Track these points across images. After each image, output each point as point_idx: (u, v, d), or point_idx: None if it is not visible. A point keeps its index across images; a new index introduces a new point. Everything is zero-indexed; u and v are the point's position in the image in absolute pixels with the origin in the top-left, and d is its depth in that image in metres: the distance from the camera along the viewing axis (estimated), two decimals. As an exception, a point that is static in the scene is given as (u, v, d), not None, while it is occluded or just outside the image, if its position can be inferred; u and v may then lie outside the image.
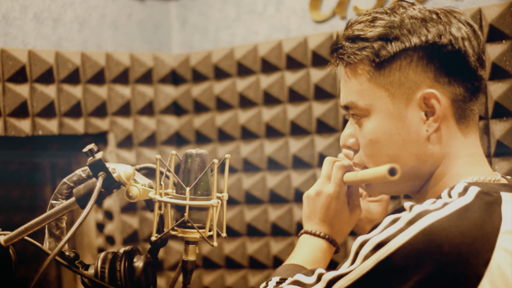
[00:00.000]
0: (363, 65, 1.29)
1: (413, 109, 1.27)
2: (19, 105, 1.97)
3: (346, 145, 1.36)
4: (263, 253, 2.17)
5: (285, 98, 2.13)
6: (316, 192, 1.44)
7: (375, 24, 1.28)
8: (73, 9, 2.12)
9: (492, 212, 1.18)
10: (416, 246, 1.13)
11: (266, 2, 2.18)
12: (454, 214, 1.15)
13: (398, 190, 1.36)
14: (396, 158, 1.28)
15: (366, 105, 1.30)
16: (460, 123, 1.28)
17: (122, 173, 1.30)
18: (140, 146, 2.23)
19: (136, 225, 2.20)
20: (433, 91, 1.25)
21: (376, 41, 1.27)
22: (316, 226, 1.44)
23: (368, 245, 1.17)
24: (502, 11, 1.76)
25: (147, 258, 1.37)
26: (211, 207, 1.29)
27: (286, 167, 2.14)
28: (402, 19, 1.27)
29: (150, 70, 2.26)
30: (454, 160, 1.28)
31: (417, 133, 1.27)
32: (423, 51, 1.26)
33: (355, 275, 1.17)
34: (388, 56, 1.27)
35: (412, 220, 1.15)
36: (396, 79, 1.27)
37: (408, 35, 1.26)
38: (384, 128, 1.28)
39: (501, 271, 1.14)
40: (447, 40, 1.25)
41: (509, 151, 1.77)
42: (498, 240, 1.15)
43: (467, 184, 1.22)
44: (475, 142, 1.30)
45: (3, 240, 1.33)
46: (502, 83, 1.76)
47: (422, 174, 1.30)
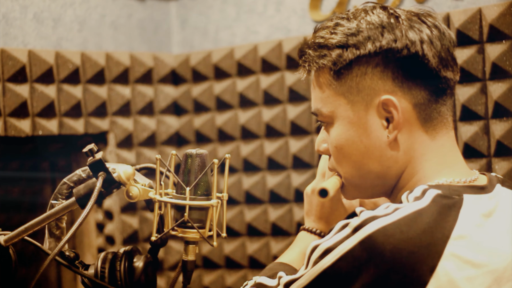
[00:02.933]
0: (324, 73, 1.30)
1: (373, 116, 1.27)
2: (19, 105, 1.97)
3: (319, 150, 1.37)
4: (263, 253, 2.17)
5: (285, 98, 2.13)
6: (312, 190, 1.46)
7: (335, 31, 1.28)
8: (73, 9, 2.12)
9: (447, 216, 1.17)
10: (358, 254, 1.14)
11: (266, 2, 2.18)
12: (401, 220, 1.15)
13: (370, 195, 1.36)
14: (360, 165, 1.29)
15: (329, 112, 1.30)
16: (426, 127, 1.27)
17: (122, 173, 1.30)
18: (140, 146, 2.23)
19: (136, 225, 2.20)
20: (390, 98, 1.25)
21: (334, 49, 1.27)
22: (313, 223, 1.46)
23: (317, 251, 1.18)
24: (502, 11, 1.76)
25: (147, 258, 1.37)
26: (211, 207, 1.29)
27: (286, 167, 2.14)
28: (359, 25, 1.26)
29: (150, 70, 2.26)
30: (420, 164, 1.27)
31: (379, 139, 1.27)
32: (378, 57, 1.25)
33: (304, 280, 1.19)
34: (345, 64, 1.26)
35: (358, 227, 1.16)
36: (354, 86, 1.27)
37: (364, 41, 1.25)
38: (346, 135, 1.28)
39: (449, 278, 1.14)
40: (403, 44, 1.24)
41: (509, 151, 1.77)
42: (447, 246, 1.15)
43: (427, 187, 1.21)
44: (445, 144, 1.28)
45: (3, 240, 1.33)
46: (502, 83, 1.76)
47: (389, 179, 1.29)
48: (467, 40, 1.80)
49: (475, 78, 1.80)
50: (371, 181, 1.30)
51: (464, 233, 1.17)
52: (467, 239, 1.17)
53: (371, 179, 1.29)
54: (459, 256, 1.16)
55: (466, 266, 1.16)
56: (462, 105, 1.81)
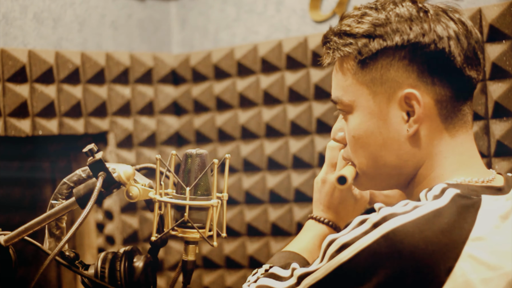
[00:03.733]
0: (348, 61, 1.29)
1: (394, 109, 1.26)
2: (19, 105, 1.97)
3: (335, 138, 1.37)
4: (263, 253, 2.17)
5: (285, 98, 2.13)
6: (322, 180, 1.45)
7: (362, 20, 1.27)
8: (73, 9, 2.12)
9: (465, 217, 1.17)
10: (377, 250, 1.14)
11: (266, 2, 2.18)
12: (421, 219, 1.15)
13: (384, 187, 1.36)
14: (377, 156, 1.28)
15: (349, 101, 1.29)
16: (446, 124, 1.27)
17: (122, 173, 1.30)
18: (140, 146, 2.23)
19: (136, 225, 2.20)
20: (414, 92, 1.24)
21: (360, 38, 1.27)
22: (321, 213, 1.45)
23: (334, 245, 1.17)
24: (502, 11, 1.76)
25: (147, 258, 1.37)
26: (211, 207, 1.29)
27: (286, 167, 2.14)
28: (388, 17, 1.26)
29: (150, 70, 2.26)
30: (439, 160, 1.27)
31: (398, 132, 1.26)
32: (405, 50, 1.25)
33: (320, 274, 1.18)
34: (371, 54, 1.26)
35: (378, 223, 1.15)
36: (378, 77, 1.26)
37: (391, 33, 1.25)
38: (365, 126, 1.28)
39: (465, 279, 1.14)
40: (430, 39, 1.24)
41: (509, 151, 1.77)
42: (465, 247, 1.15)
43: (446, 185, 1.20)
44: (464, 143, 1.28)
45: (3, 240, 1.33)
46: (502, 83, 1.76)
47: (405, 172, 1.29)
48: (467, 40, 1.80)
49: (475, 78, 1.80)
50: (387, 173, 1.29)
51: (482, 235, 1.16)
52: (485, 241, 1.16)
53: (386, 171, 1.29)
54: (476, 257, 1.15)
55: (482, 268, 1.15)
56: (462, 105, 1.81)
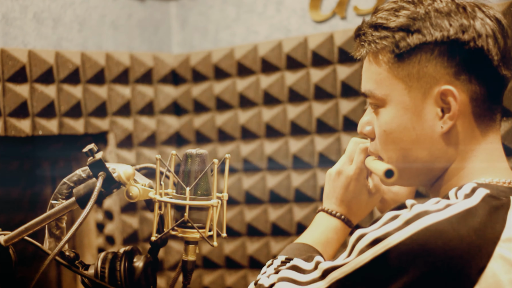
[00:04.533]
0: (383, 54, 1.27)
1: (430, 104, 1.25)
2: (19, 105, 1.97)
3: (362, 132, 1.35)
4: (263, 253, 2.17)
5: (285, 98, 2.13)
6: (337, 172, 1.43)
7: (399, 13, 1.26)
8: (73, 9, 2.12)
9: (496, 217, 1.16)
10: (410, 246, 1.13)
11: (266, 2, 2.18)
12: (454, 217, 1.14)
13: (410, 183, 1.35)
14: (408, 152, 1.27)
15: (383, 95, 1.28)
16: (479, 122, 1.26)
17: (122, 173, 1.30)
18: (140, 146, 2.23)
19: (136, 225, 2.20)
20: (451, 88, 1.23)
21: (398, 31, 1.25)
22: (334, 206, 1.43)
23: (364, 240, 1.16)
24: (502, 11, 1.76)
25: (147, 258, 1.37)
26: (211, 207, 1.29)
27: (286, 167, 2.14)
28: (427, 11, 1.25)
29: (150, 70, 2.26)
30: (469, 159, 1.26)
31: (432, 129, 1.25)
32: (444, 46, 1.23)
33: (349, 268, 1.17)
34: (408, 48, 1.25)
35: (411, 220, 1.14)
36: (414, 72, 1.25)
37: (431, 28, 1.24)
38: (399, 121, 1.27)
39: (496, 279, 1.14)
40: (470, 37, 1.23)
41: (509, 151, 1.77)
42: (497, 247, 1.14)
43: (476, 185, 1.20)
44: (494, 142, 1.27)
45: (3, 240, 1.33)
46: (502, 83, 1.76)
47: (435, 170, 1.28)
48: (467, 40, 1.80)
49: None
50: (416, 170, 1.28)
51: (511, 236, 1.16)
52: None
53: (416, 168, 1.28)
54: (506, 258, 1.15)
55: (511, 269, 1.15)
56: (462, 105, 1.81)
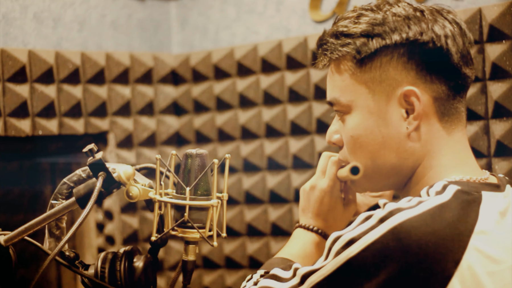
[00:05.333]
0: (346, 61, 1.30)
1: (394, 106, 1.27)
2: (19, 105, 1.97)
3: (331, 141, 1.37)
4: (263, 253, 2.17)
5: (285, 98, 2.13)
6: (311, 187, 1.46)
7: (359, 20, 1.29)
8: (73, 9, 2.12)
9: (468, 211, 1.18)
10: (385, 244, 1.14)
11: (266, 2, 2.18)
12: (426, 213, 1.16)
13: (381, 187, 1.37)
14: (376, 155, 1.29)
15: (348, 102, 1.30)
16: (444, 121, 1.28)
17: (122, 173, 1.30)
18: (140, 146, 2.23)
19: (136, 225, 2.20)
20: (413, 89, 1.26)
21: (359, 37, 1.28)
22: (310, 220, 1.45)
23: (340, 242, 1.18)
24: (502, 11, 1.76)
25: (147, 258, 1.37)
26: (211, 207, 1.29)
27: (286, 167, 2.14)
28: (385, 16, 1.27)
29: (150, 70, 2.26)
30: (437, 158, 1.28)
31: (397, 130, 1.27)
32: (404, 48, 1.26)
33: (326, 270, 1.18)
34: (369, 53, 1.27)
35: (384, 218, 1.16)
36: (376, 76, 1.28)
37: (390, 32, 1.26)
38: (364, 125, 1.29)
39: (472, 272, 1.15)
40: (429, 37, 1.25)
41: (509, 151, 1.77)
42: (471, 240, 1.16)
43: (446, 182, 1.22)
44: (460, 140, 1.30)
45: (3, 240, 1.33)
46: (502, 83, 1.76)
47: (404, 171, 1.30)
48: (467, 40, 1.80)
49: (475, 78, 1.79)
50: (386, 173, 1.30)
51: (485, 229, 1.18)
52: (488, 235, 1.18)
53: (386, 170, 1.30)
54: (481, 250, 1.16)
55: (487, 261, 1.16)
56: (462, 105, 1.81)
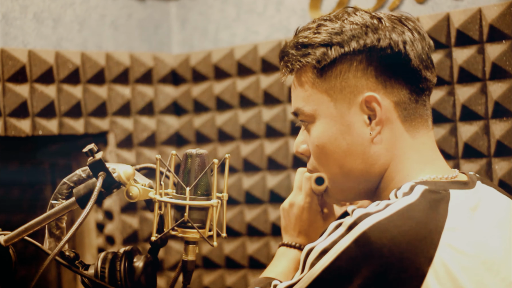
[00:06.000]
0: (307, 72, 1.31)
1: (356, 113, 1.29)
2: (19, 105, 1.97)
3: (298, 151, 1.38)
4: (263, 253, 2.17)
5: (285, 98, 2.13)
6: (289, 204, 1.49)
7: (318, 31, 1.30)
8: (73, 9, 2.12)
9: (437, 209, 1.20)
10: (356, 250, 1.15)
11: (266, 2, 2.18)
12: (395, 215, 1.17)
13: (354, 196, 1.38)
14: (342, 163, 1.30)
15: (311, 111, 1.32)
16: (407, 125, 1.30)
17: (122, 173, 1.31)
18: (140, 146, 2.23)
19: (136, 225, 2.20)
20: (374, 94, 1.27)
21: (318, 47, 1.29)
22: (292, 238, 1.49)
23: (313, 253, 1.19)
24: (502, 11, 1.75)
25: (147, 258, 1.37)
26: (211, 207, 1.29)
27: (286, 167, 2.14)
28: (343, 25, 1.29)
29: (150, 70, 2.26)
30: (403, 161, 1.30)
31: (361, 136, 1.29)
32: (362, 55, 1.28)
33: (303, 283, 1.19)
34: (329, 61, 1.29)
35: (352, 225, 1.17)
36: (337, 84, 1.29)
37: (348, 40, 1.28)
38: (329, 133, 1.30)
39: (446, 268, 1.16)
40: (386, 43, 1.27)
41: (509, 151, 1.77)
42: (442, 236, 1.17)
43: (414, 183, 1.23)
44: (426, 142, 1.31)
45: (3, 240, 1.33)
46: (502, 83, 1.76)
47: (372, 176, 1.31)
48: (467, 40, 1.80)
49: (475, 78, 1.80)
50: (354, 180, 1.31)
51: (455, 225, 1.19)
52: (459, 230, 1.19)
53: (354, 177, 1.31)
54: (453, 246, 1.18)
55: (460, 256, 1.18)
56: (462, 105, 1.81)
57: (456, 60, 1.81)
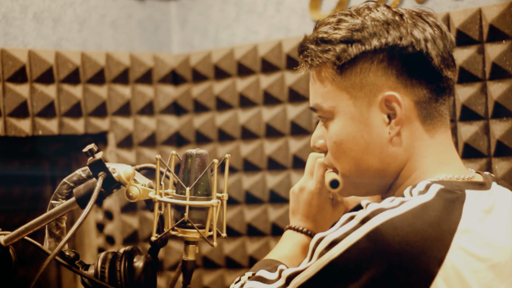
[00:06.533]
0: (326, 68, 1.30)
1: (375, 112, 1.28)
2: (19, 105, 1.97)
3: (315, 146, 1.37)
4: (263, 253, 2.17)
5: (285, 98, 2.13)
6: (299, 188, 1.46)
7: (339, 26, 1.29)
8: (73, 9, 2.12)
9: (452, 210, 1.19)
10: (366, 245, 1.14)
11: (266, 2, 2.18)
12: (409, 213, 1.16)
13: (366, 192, 1.37)
14: (359, 161, 1.29)
15: (330, 108, 1.30)
16: (426, 124, 1.28)
17: (122, 173, 1.30)
18: (140, 146, 2.23)
19: (136, 225, 2.20)
20: (394, 94, 1.26)
21: (338, 44, 1.28)
22: (299, 222, 1.46)
23: (323, 243, 1.18)
24: (502, 11, 1.76)
25: (147, 258, 1.37)
26: (211, 207, 1.29)
27: (286, 167, 2.14)
28: (364, 22, 1.27)
29: (150, 70, 2.26)
30: (420, 161, 1.28)
31: (380, 135, 1.28)
32: (383, 53, 1.26)
33: (310, 272, 1.18)
34: (349, 59, 1.27)
35: (366, 219, 1.16)
36: (357, 82, 1.28)
37: (369, 37, 1.26)
38: (347, 131, 1.29)
39: (456, 270, 1.15)
40: (408, 42, 1.26)
41: (509, 151, 1.77)
42: (454, 239, 1.16)
43: (429, 182, 1.22)
44: (444, 142, 1.30)
45: (3, 240, 1.33)
46: (502, 83, 1.76)
47: (388, 175, 1.30)
48: (467, 40, 1.80)
49: (475, 78, 1.80)
50: (369, 178, 1.31)
51: (468, 227, 1.18)
52: (472, 233, 1.18)
53: (369, 175, 1.30)
54: (464, 249, 1.17)
55: (471, 259, 1.17)
56: (462, 105, 1.81)
57: (456, 60, 1.81)
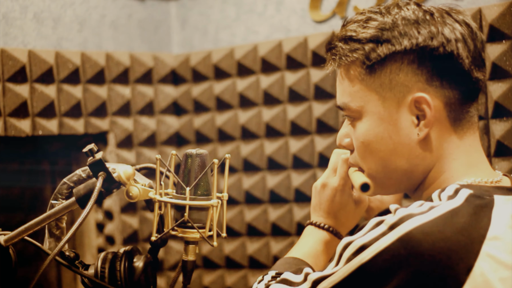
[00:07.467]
0: (355, 67, 1.28)
1: (404, 113, 1.25)
2: (19, 105, 1.97)
3: (341, 144, 1.36)
4: (263, 253, 2.17)
5: (285, 98, 2.13)
6: (322, 184, 1.44)
7: (368, 25, 1.26)
8: (73, 9, 2.12)
9: (481, 216, 1.17)
10: (396, 251, 1.13)
11: (266, 2, 2.18)
12: (438, 219, 1.14)
13: (392, 192, 1.36)
14: (387, 162, 1.27)
15: (358, 107, 1.28)
16: (455, 126, 1.26)
17: (122, 173, 1.30)
18: (140, 146, 2.23)
19: (136, 225, 2.20)
20: (424, 95, 1.24)
21: (367, 43, 1.26)
22: (321, 218, 1.44)
23: (351, 248, 1.17)
24: (502, 11, 1.76)
25: (147, 258, 1.37)
26: (211, 207, 1.29)
27: (286, 167, 2.14)
28: (395, 21, 1.25)
29: (150, 70, 2.26)
30: (449, 163, 1.27)
31: (409, 136, 1.26)
32: (414, 54, 1.24)
33: (337, 277, 1.17)
34: (379, 59, 1.25)
35: (395, 225, 1.14)
36: (386, 82, 1.26)
37: (399, 37, 1.24)
38: (375, 131, 1.27)
39: (484, 278, 1.13)
40: (439, 42, 1.23)
41: (509, 151, 1.77)
42: (483, 246, 1.14)
43: (458, 186, 1.20)
44: (472, 144, 1.28)
45: (3, 240, 1.33)
46: (502, 83, 1.76)
47: (415, 176, 1.28)
48: (467, 40, 1.80)
49: (475, 78, 1.80)
50: (396, 178, 1.29)
51: (498, 234, 1.16)
52: (501, 240, 1.16)
53: (396, 176, 1.28)
54: (494, 256, 1.15)
55: (500, 267, 1.15)
56: (462, 105, 1.81)
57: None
